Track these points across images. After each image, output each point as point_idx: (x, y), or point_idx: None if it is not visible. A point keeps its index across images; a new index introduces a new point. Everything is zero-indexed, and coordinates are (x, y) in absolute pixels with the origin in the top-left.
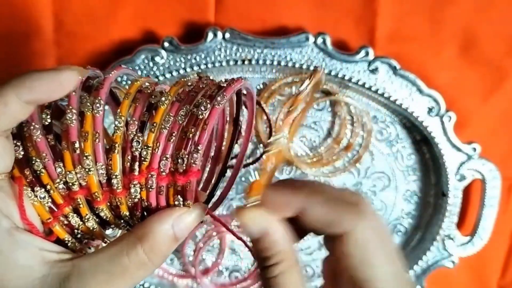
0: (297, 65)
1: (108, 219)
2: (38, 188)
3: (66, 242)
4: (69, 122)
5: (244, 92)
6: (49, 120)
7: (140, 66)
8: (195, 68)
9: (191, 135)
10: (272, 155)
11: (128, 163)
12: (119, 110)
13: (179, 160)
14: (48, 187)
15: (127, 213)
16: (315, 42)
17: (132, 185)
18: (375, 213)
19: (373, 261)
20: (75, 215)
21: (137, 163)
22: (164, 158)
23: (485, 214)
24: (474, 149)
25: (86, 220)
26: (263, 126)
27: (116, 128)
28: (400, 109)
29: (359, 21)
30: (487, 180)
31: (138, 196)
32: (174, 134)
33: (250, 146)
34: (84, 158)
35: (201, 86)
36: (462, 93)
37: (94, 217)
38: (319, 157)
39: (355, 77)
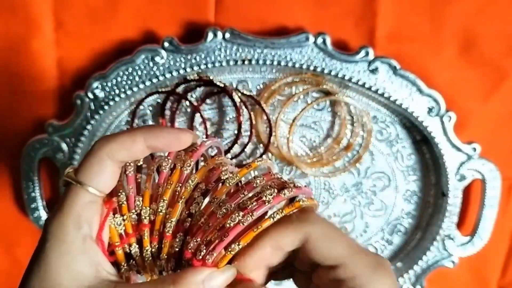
0: (297, 65)
1: (154, 255)
2: (118, 215)
3: (121, 266)
4: (163, 168)
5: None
6: (141, 162)
7: (140, 66)
8: (195, 68)
9: (224, 237)
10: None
11: (183, 218)
12: (195, 173)
13: (209, 248)
14: (125, 217)
15: (165, 256)
16: (315, 42)
17: (178, 235)
18: (321, 218)
19: (331, 245)
20: (137, 246)
21: (189, 219)
22: (195, 240)
23: (485, 214)
24: (474, 149)
25: (145, 251)
26: (263, 126)
27: (188, 185)
28: (400, 109)
29: (359, 21)
30: (487, 180)
31: (179, 247)
32: (210, 225)
33: (250, 146)
34: (162, 200)
35: (255, 184)
36: (462, 93)
37: (152, 250)
38: (319, 157)
39: (355, 77)
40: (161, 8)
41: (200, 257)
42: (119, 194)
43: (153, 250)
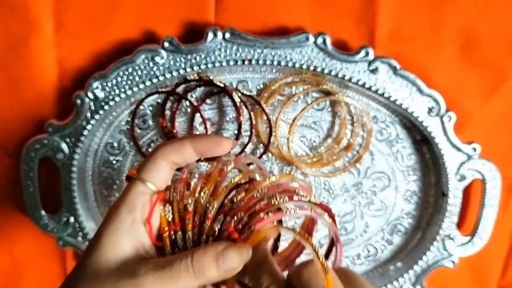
0: (297, 65)
1: (195, 238)
2: (168, 206)
3: (166, 250)
4: (212, 169)
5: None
6: (194, 171)
7: (140, 66)
8: (195, 68)
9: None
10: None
11: (225, 204)
12: (240, 174)
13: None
14: (175, 208)
15: (205, 238)
16: (315, 42)
17: (219, 217)
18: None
19: None
20: (180, 232)
21: (230, 205)
22: (239, 214)
23: (485, 214)
24: (474, 149)
25: (187, 235)
26: (263, 126)
27: (232, 179)
28: (400, 109)
29: (359, 21)
30: (487, 180)
31: (218, 227)
32: (254, 205)
33: (250, 146)
34: (203, 191)
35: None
36: (462, 93)
37: (192, 233)
38: (319, 157)
39: (355, 77)
40: (161, 8)
41: (239, 228)
42: (173, 191)
43: (194, 233)
